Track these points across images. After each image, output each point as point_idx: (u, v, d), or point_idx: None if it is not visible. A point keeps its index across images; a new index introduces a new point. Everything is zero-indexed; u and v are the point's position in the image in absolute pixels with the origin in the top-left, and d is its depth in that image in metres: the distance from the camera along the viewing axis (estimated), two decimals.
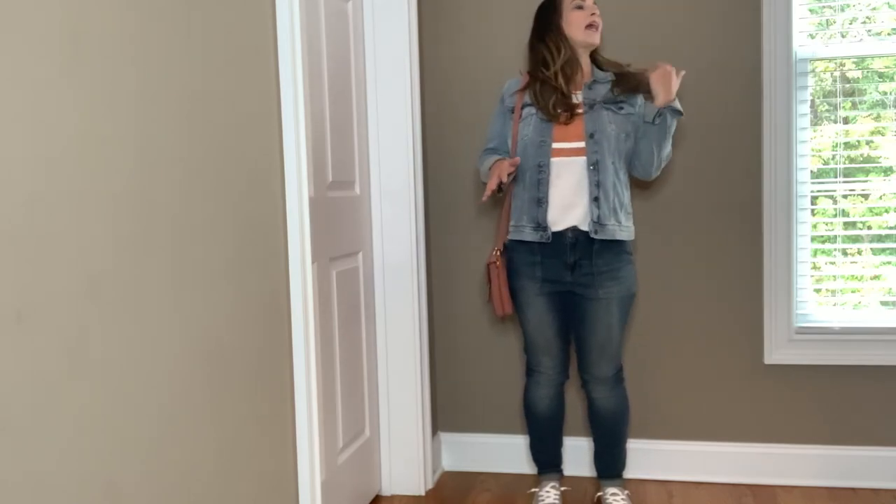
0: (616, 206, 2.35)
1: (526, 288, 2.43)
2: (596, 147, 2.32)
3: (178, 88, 1.46)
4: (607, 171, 2.32)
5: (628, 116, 2.37)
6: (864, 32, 2.75)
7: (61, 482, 1.16)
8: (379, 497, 2.80)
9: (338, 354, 2.45)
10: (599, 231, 2.32)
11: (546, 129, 2.35)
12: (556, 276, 2.39)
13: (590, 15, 2.37)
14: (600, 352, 2.41)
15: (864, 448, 2.74)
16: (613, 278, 2.36)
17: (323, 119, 2.36)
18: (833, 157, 2.78)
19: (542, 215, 2.35)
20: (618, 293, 2.37)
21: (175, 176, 1.45)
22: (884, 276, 2.77)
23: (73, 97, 1.19)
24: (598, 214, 2.32)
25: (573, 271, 2.37)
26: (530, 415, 2.56)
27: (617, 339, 2.42)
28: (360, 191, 2.68)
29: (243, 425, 1.69)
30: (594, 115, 2.35)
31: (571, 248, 2.36)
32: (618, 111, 2.36)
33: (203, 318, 1.53)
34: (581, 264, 2.36)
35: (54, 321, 1.14)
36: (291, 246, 1.90)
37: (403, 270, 2.75)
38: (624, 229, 2.37)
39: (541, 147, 2.35)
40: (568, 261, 2.37)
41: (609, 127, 2.34)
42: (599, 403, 2.47)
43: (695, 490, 2.78)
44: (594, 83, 2.41)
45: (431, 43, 2.93)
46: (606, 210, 2.33)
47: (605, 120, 2.34)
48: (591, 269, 2.35)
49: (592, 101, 2.36)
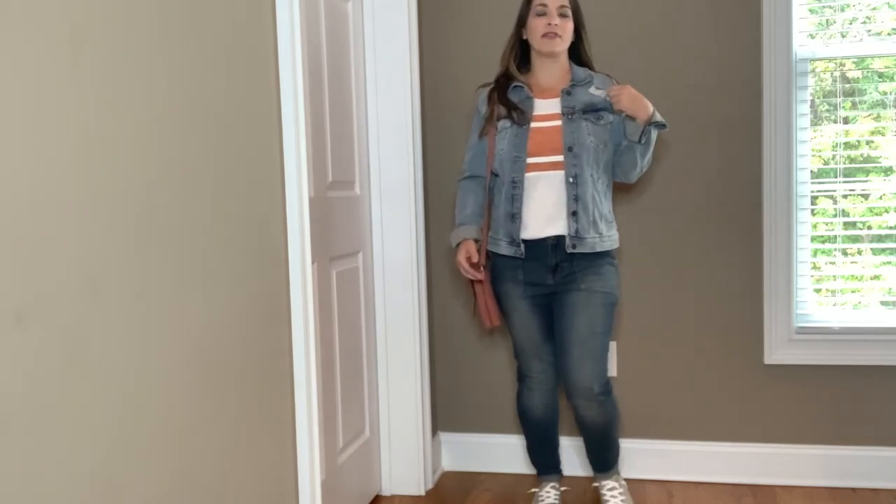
0: (595, 217, 2.31)
1: (510, 293, 2.40)
2: (575, 161, 2.29)
3: (178, 89, 1.46)
4: (586, 184, 2.29)
5: (606, 127, 2.33)
6: (864, 32, 2.75)
7: (61, 482, 1.16)
8: (379, 497, 2.80)
9: (338, 354, 2.45)
10: (578, 245, 2.30)
11: (521, 144, 2.32)
12: (538, 278, 2.36)
13: (547, 24, 2.30)
14: (581, 350, 2.31)
15: (864, 448, 2.74)
16: (596, 274, 2.32)
17: (323, 119, 2.36)
18: (833, 157, 2.77)
19: (515, 231, 2.33)
20: (601, 287, 2.32)
21: (175, 176, 1.45)
22: (884, 276, 2.77)
23: (72, 97, 1.19)
24: (576, 228, 2.29)
25: (555, 273, 2.34)
26: (525, 421, 2.55)
27: (600, 342, 2.33)
28: (359, 191, 2.68)
29: (243, 425, 1.69)
30: (573, 126, 2.30)
31: (553, 251, 2.33)
32: (597, 122, 2.31)
33: (203, 318, 1.53)
34: (562, 266, 2.33)
35: (54, 321, 1.14)
36: (291, 246, 1.90)
37: (403, 270, 2.75)
38: (605, 240, 2.34)
39: (515, 163, 2.32)
40: (549, 263, 2.34)
41: (588, 139, 2.30)
42: (585, 415, 2.40)
43: (695, 490, 2.78)
44: (573, 86, 2.35)
45: (431, 43, 2.93)
46: (585, 223, 2.30)
47: (584, 132, 2.30)
48: (573, 268, 2.32)
49: (571, 110, 2.31)
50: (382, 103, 2.73)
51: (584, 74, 2.37)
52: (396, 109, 2.72)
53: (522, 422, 2.56)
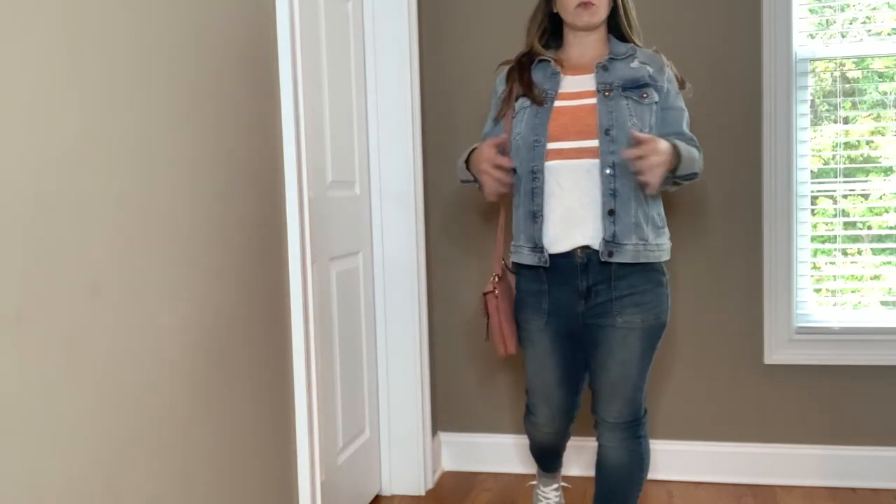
0: (640, 219, 1.90)
1: (530, 322, 2.04)
2: (613, 147, 1.88)
3: (178, 89, 1.46)
4: (627, 175, 1.87)
5: (651, 106, 1.93)
6: (864, 32, 2.75)
7: (61, 482, 1.16)
8: (379, 497, 2.80)
9: (337, 354, 2.45)
10: (616, 253, 1.88)
11: (541, 126, 1.93)
12: (565, 308, 1.98)
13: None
14: (611, 392, 1.98)
15: (864, 448, 2.74)
16: (637, 304, 1.92)
17: (322, 119, 2.36)
18: (833, 157, 2.78)
19: (537, 233, 1.94)
20: (642, 323, 1.92)
21: (174, 176, 1.45)
22: (884, 276, 2.77)
23: (73, 98, 1.19)
24: (613, 232, 1.88)
25: (587, 300, 1.95)
26: (530, 438, 2.29)
27: (634, 380, 1.96)
28: (360, 191, 2.68)
29: (243, 425, 1.69)
30: (611, 105, 1.90)
31: (583, 271, 1.93)
32: (640, 100, 1.92)
33: (202, 318, 1.53)
34: (597, 290, 1.93)
35: (54, 321, 1.14)
36: (291, 246, 1.90)
37: (403, 270, 2.75)
38: (653, 248, 1.92)
39: (534, 149, 1.93)
40: (580, 287, 1.94)
41: (630, 121, 1.89)
42: (606, 452, 2.04)
43: (695, 490, 2.78)
44: (611, 60, 1.97)
45: (431, 43, 2.93)
46: (626, 226, 1.88)
47: (625, 112, 1.90)
48: (610, 295, 1.92)
49: (608, 87, 1.92)
50: (382, 103, 2.73)
51: (626, 49, 2.00)
52: (396, 109, 2.72)
53: (528, 436, 2.30)
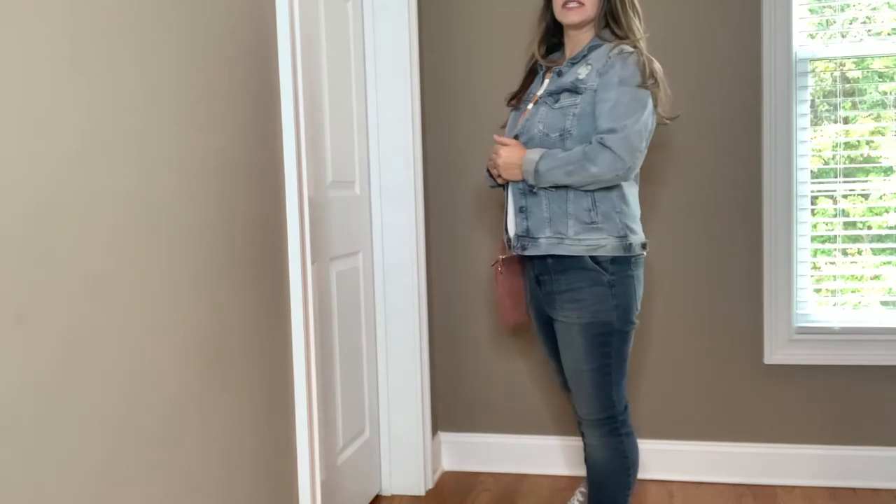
0: (556, 214, 1.96)
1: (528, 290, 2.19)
2: None
3: (178, 88, 1.46)
4: None
5: (564, 110, 1.97)
6: (864, 32, 2.75)
7: (61, 482, 1.16)
8: (379, 497, 2.80)
9: (337, 354, 2.45)
10: (529, 246, 2.00)
11: (511, 129, 2.12)
12: (534, 294, 2.12)
13: None
14: (575, 387, 2.05)
15: (864, 448, 2.74)
16: (573, 300, 1.97)
17: (322, 119, 2.36)
18: (833, 157, 2.77)
19: (504, 223, 2.12)
20: (578, 319, 1.96)
21: (174, 176, 1.45)
22: (884, 276, 2.77)
23: (73, 98, 1.19)
24: (526, 227, 2.01)
25: (541, 288, 2.06)
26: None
27: (590, 376, 1.99)
28: (360, 191, 2.68)
29: (243, 425, 1.69)
30: (534, 111, 2.04)
31: (529, 260, 2.07)
32: (552, 106, 1.99)
33: (202, 318, 1.53)
34: (543, 281, 2.04)
35: (54, 321, 1.14)
36: (291, 246, 1.90)
37: (403, 270, 2.75)
38: (572, 243, 1.95)
39: None
40: (531, 275, 2.09)
41: (536, 127, 2.00)
42: (589, 450, 2.10)
43: (695, 490, 2.78)
44: (570, 64, 2.04)
45: (431, 43, 2.93)
46: (539, 220, 1.98)
47: (535, 118, 2.02)
48: (552, 288, 2.01)
49: (549, 93, 2.04)
50: (382, 103, 2.72)
51: (588, 49, 2.02)
52: (396, 109, 2.72)
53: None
